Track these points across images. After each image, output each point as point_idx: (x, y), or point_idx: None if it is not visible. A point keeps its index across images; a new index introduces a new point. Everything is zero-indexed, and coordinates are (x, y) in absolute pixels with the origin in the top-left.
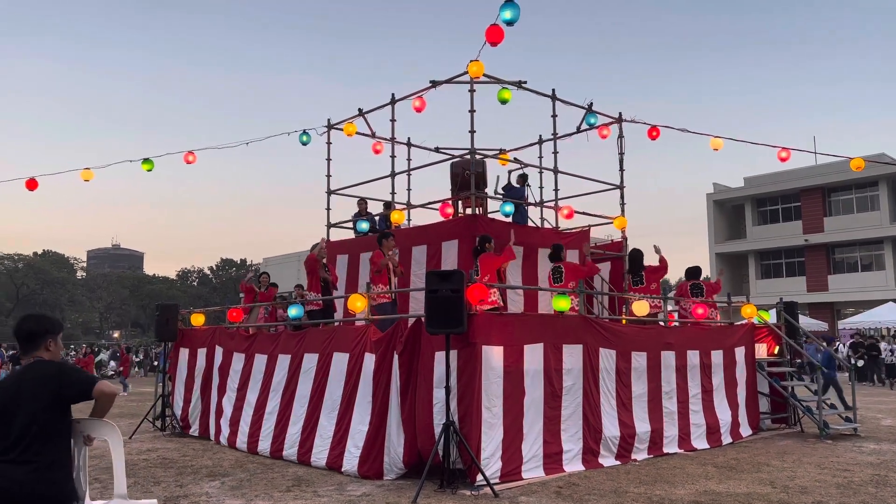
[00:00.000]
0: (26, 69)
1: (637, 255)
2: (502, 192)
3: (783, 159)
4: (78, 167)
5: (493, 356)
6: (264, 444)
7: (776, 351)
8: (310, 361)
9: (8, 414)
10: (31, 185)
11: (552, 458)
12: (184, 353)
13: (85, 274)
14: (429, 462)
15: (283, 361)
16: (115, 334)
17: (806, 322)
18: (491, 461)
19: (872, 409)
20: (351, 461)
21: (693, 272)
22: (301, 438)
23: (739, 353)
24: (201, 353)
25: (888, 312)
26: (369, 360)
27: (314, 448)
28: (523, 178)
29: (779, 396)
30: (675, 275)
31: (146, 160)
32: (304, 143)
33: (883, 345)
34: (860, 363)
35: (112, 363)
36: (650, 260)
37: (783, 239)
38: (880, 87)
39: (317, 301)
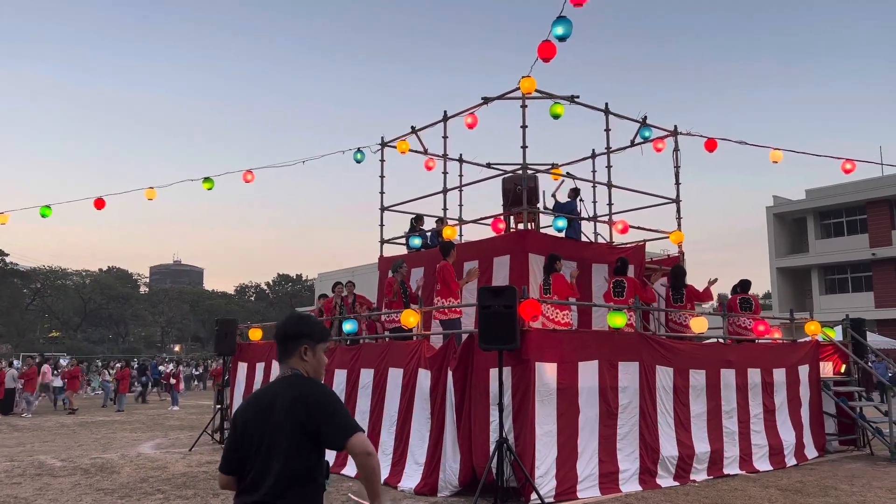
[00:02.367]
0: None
1: (680, 270)
2: (554, 201)
3: (848, 171)
4: (142, 187)
5: (547, 373)
6: (328, 459)
7: (843, 370)
8: (366, 377)
9: (250, 441)
10: (99, 204)
11: (608, 477)
12: (242, 367)
13: (147, 289)
14: (482, 480)
15: (340, 376)
16: (176, 348)
17: (875, 340)
18: (545, 480)
19: None
20: (408, 478)
21: (743, 285)
22: None
23: (803, 371)
24: (259, 367)
25: None
26: (423, 376)
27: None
28: (575, 192)
29: (846, 417)
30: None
31: (207, 179)
32: (359, 161)
33: None
34: None
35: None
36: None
37: (848, 253)
38: None
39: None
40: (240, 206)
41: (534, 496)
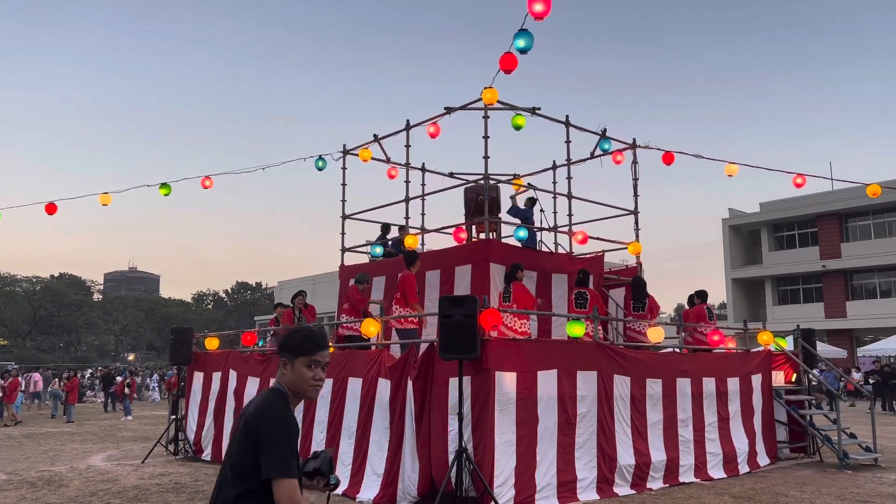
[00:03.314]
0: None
1: (641, 281)
2: (507, 215)
3: (799, 185)
4: (96, 192)
5: (506, 382)
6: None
7: (794, 379)
8: (325, 387)
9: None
10: (51, 209)
11: (566, 486)
12: (198, 377)
13: (101, 296)
14: (441, 490)
15: None
16: (131, 357)
17: (824, 349)
18: (504, 489)
19: (893, 439)
20: (367, 489)
21: (701, 295)
22: None
23: (756, 380)
24: (216, 376)
25: None
26: (383, 386)
27: (338, 472)
28: (532, 201)
29: (797, 425)
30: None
31: (164, 185)
32: (320, 169)
33: None
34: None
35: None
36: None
37: (800, 264)
38: None
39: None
40: (198, 213)
41: None
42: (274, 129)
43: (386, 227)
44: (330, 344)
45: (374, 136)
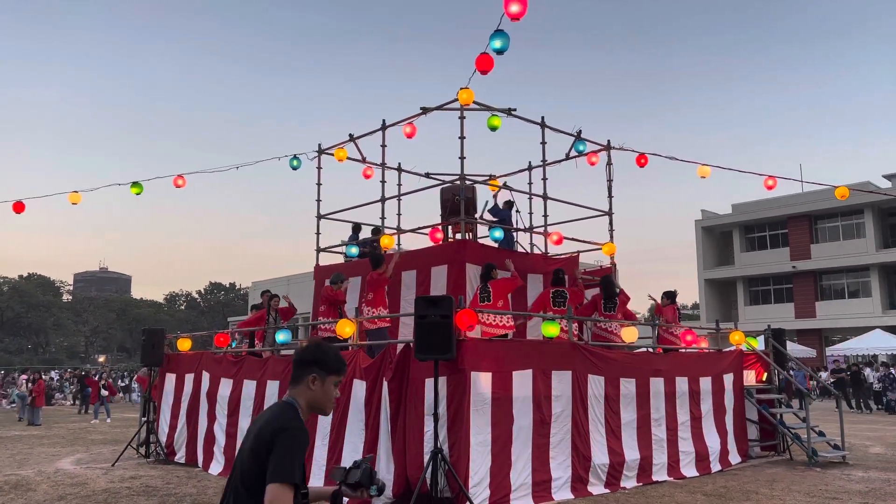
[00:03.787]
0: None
1: (611, 281)
2: (489, 214)
3: (769, 187)
4: (66, 190)
5: (482, 383)
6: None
7: (764, 378)
8: None
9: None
10: (19, 207)
11: (541, 486)
12: (170, 379)
13: (71, 297)
14: (416, 491)
15: (273, 387)
16: (101, 359)
17: (794, 349)
18: (479, 489)
19: (860, 437)
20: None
21: (669, 295)
22: None
23: (728, 379)
24: (188, 378)
25: (875, 339)
26: (359, 387)
27: (310, 477)
28: (510, 204)
29: (767, 424)
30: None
31: (135, 184)
32: (295, 168)
33: (868, 371)
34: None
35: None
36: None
37: (771, 265)
38: (866, 115)
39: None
40: (171, 213)
41: None
42: (248, 129)
43: (357, 227)
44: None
45: (350, 135)
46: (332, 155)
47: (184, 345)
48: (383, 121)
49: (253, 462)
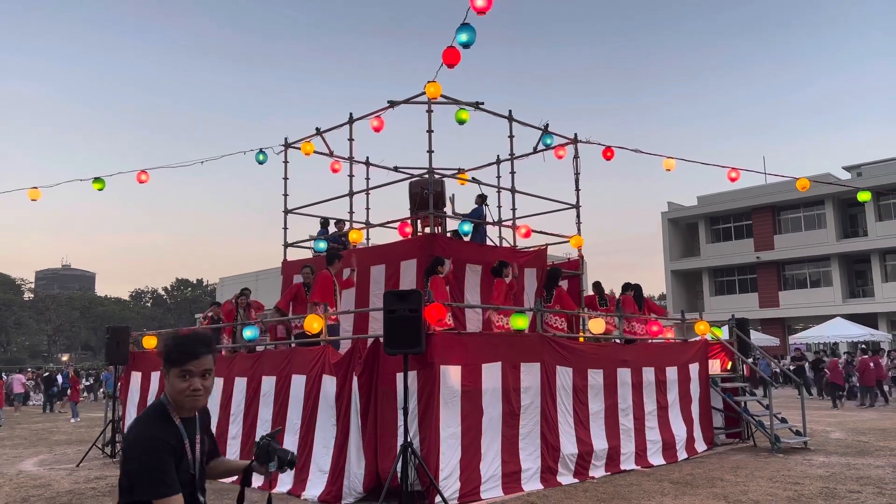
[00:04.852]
0: None
1: (555, 273)
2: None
3: (733, 179)
4: (25, 186)
5: (452, 376)
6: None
7: (729, 367)
8: (268, 384)
9: None
10: None
11: (511, 477)
12: (136, 377)
13: (33, 295)
14: (386, 484)
15: (241, 384)
16: (65, 357)
17: (758, 338)
18: (449, 482)
19: (822, 423)
20: (313, 486)
21: (627, 287)
22: None
23: (693, 369)
24: (154, 376)
25: (836, 327)
26: (329, 383)
27: (280, 475)
28: (482, 199)
29: (732, 411)
30: None
31: (97, 179)
32: (261, 163)
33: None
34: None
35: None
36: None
37: (736, 256)
38: (826, 108)
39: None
40: (135, 209)
41: (438, 499)
42: (213, 123)
43: (325, 222)
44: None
45: (317, 129)
46: (299, 149)
47: (150, 342)
48: (350, 114)
49: (121, 463)
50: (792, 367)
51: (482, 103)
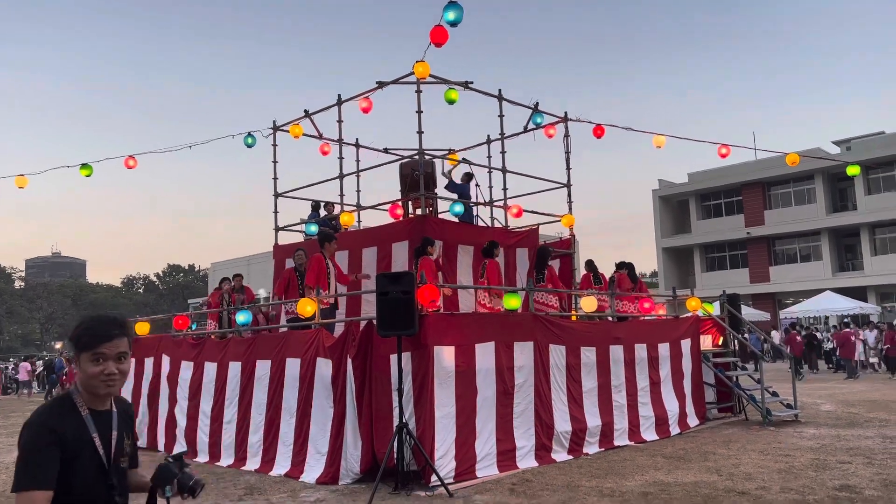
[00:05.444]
0: None
1: (544, 252)
2: (446, 177)
3: (723, 155)
4: (12, 174)
5: (445, 356)
6: (227, 454)
7: (721, 342)
8: (262, 368)
9: None
10: None
11: (505, 455)
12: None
13: (23, 283)
14: (383, 465)
15: (235, 368)
16: (58, 345)
17: (749, 313)
18: (445, 461)
19: (812, 396)
20: (311, 468)
21: (621, 266)
22: (264, 447)
23: (685, 345)
24: (148, 362)
25: (826, 301)
26: (323, 366)
27: (277, 456)
28: (469, 176)
29: (724, 386)
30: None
31: (84, 165)
32: (249, 146)
33: (868, 333)
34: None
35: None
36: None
37: (726, 232)
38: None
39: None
40: (124, 195)
41: (434, 478)
42: (201, 105)
43: (316, 205)
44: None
45: (305, 111)
46: (288, 132)
47: (142, 328)
48: (339, 96)
49: None
50: (805, 344)
51: (471, 83)
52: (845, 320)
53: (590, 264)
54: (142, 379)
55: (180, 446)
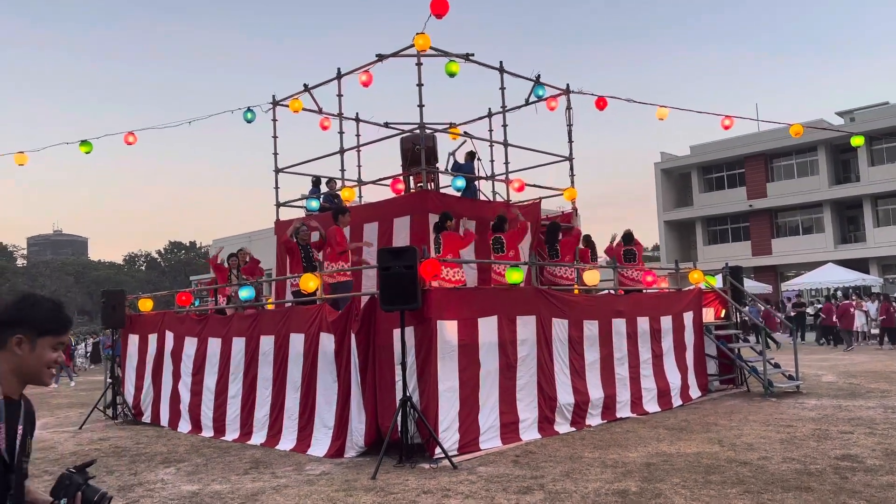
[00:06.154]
0: None
1: (554, 227)
2: (453, 161)
3: (726, 127)
4: (12, 151)
5: (448, 331)
6: (231, 429)
7: (723, 314)
8: (267, 344)
9: None
10: None
11: (509, 427)
12: (133, 340)
13: (25, 262)
14: (387, 438)
15: (239, 344)
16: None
17: (751, 285)
18: (448, 434)
19: (814, 367)
20: (318, 442)
21: (625, 237)
22: (270, 421)
23: (688, 317)
24: (152, 338)
25: (828, 273)
26: (326, 340)
27: (283, 430)
28: (472, 155)
29: (726, 358)
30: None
31: (84, 142)
32: (249, 121)
33: (868, 304)
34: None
35: None
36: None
37: (728, 205)
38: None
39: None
40: (125, 172)
41: (438, 451)
42: (200, 81)
43: (317, 180)
44: (271, 300)
45: (305, 85)
46: (287, 106)
47: (145, 305)
48: (338, 69)
49: None
50: (793, 314)
51: (472, 55)
52: (838, 293)
53: (587, 239)
54: (146, 355)
55: (185, 422)
